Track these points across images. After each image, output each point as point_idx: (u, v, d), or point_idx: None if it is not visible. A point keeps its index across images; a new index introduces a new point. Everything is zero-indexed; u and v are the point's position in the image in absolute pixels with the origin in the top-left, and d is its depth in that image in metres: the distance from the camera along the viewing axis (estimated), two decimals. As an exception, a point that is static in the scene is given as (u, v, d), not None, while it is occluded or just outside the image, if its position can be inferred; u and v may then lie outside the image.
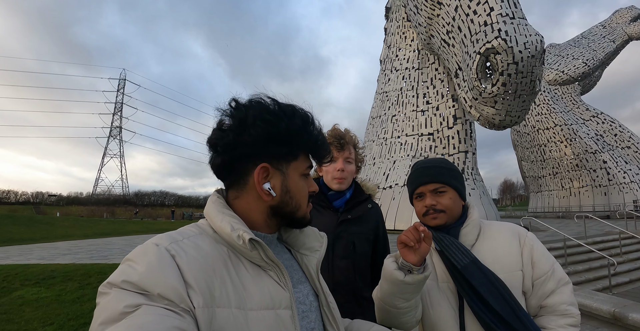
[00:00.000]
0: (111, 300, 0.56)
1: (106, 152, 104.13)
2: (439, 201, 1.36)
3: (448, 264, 1.29)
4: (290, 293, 0.76)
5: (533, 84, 11.81)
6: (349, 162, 1.81)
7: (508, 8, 11.59)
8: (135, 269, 0.60)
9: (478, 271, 1.22)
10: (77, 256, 11.44)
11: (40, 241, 18.47)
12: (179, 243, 0.68)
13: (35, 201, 76.69)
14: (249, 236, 0.70)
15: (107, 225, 33.30)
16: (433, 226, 1.37)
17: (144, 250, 0.65)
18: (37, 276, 7.31)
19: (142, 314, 0.53)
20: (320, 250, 0.93)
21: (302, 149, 0.84)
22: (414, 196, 1.44)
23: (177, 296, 0.59)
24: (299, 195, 0.83)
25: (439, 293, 1.33)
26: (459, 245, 1.29)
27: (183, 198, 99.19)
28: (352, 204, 1.81)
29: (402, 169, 20.34)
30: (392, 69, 22.95)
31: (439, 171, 1.39)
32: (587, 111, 32.73)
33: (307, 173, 0.86)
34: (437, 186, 1.36)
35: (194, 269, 0.63)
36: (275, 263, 0.76)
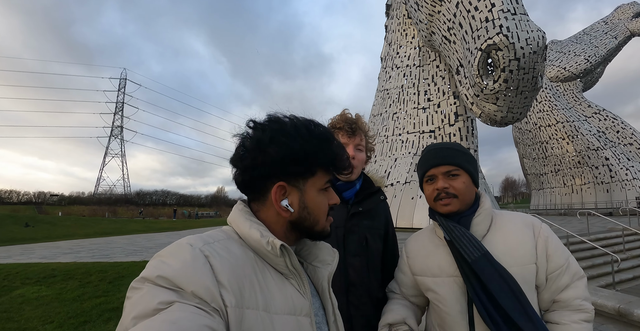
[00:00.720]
0: (145, 295, 0.57)
1: (107, 151, 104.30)
2: (452, 185, 1.28)
3: (457, 256, 1.22)
4: (309, 301, 0.79)
5: (535, 81, 11.73)
6: (360, 150, 1.69)
7: (509, 4, 11.51)
8: (170, 266, 0.62)
9: (489, 265, 1.16)
10: (78, 255, 11.45)
11: (42, 241, 18.49)
12: (211, 245, 0.71)
13: (37, 201, 76.94)
14: (280, 243, 0.74)
15: (108, 224, 33.36)
16: (444, 213, 1.30)
17: (178, 248, 0.67)
18: (37, 274, 7.30)
19: (175, 311, 0.54)
20: (332, 264, 0.93)
21: (319, 166, 0.84)
22: (425, 179, 1.36)
23: (210, 296, 0.60)
24: (317, 210, 0.85)
25: (446, 287, 1.27)
26: (471, 237, 1.22)
27: (185, 197, 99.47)
28: (363, 196, 1.67)
29: (403, 167, 20.29)
30: (393, 67, 22.87)
31: (452, 153, 1.31)
32: (589, 108, 32.59)
33: (326, 187, 0.87)
34: (451, 168, 1.28)
35: (227, 270, 0.66)
36: (298, 271, 0.79)
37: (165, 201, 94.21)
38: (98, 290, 6.02)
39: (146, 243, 16.13)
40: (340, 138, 1.62)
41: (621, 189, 28.28)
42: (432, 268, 1.33)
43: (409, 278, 1.44)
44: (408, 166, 20.14)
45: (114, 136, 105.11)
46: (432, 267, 1.32)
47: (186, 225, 34.79)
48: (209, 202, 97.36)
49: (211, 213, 69.66)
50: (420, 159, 1.38)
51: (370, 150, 1.79)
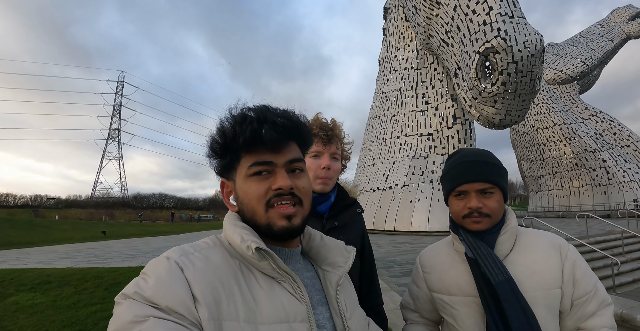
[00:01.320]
0: (123, 310, 0.58)
1: (105, 154, 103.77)
2: (486, 204, 1.17)
3: (478, 276, 1.14)
4: (307, 305, 0.72)
5: (533, 83, 11.75)
6: (336, 159, 1.54)
7: (507, 7, 11.53)
8: (147, 282, 0.62)
9: (511, 293, 1.07)
10: (74, 259, 11.34)
11: (38, 245, 18.34)
12: (189, 255, 0.69)
13: (33, 204, 76.46)
14: (256, 245, 0.69)
15: (106, 228, 33.18)
16: (473, 230, 1.20)
17: (156, 264, 0.66)
18: (32, 281, 7.20)
19: (150, 327, 0.54)
20: (344, 266, 0.85)
21: (241, 150, 0.76)
22: (454, 193, 1.24)
23: (185, 309, 0.59)
24: (247, 199, 0.76)
25: (464, 308, 1.18)
26: (496, 258, 1.13)
27: (182, 200, 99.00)
28: (338, 209, 1.55)
29: (401, 170, 20.27)
30: (391, 70, 22.92)
31: (489, 168, 1.20)
32: (586, 110, 32.73)
33: (254, 172, 0.75)
34: (486, 186, 1.18)
35: (201, 282, 0.64)
36: (289, 274, 0.73)
37: (162, 204, 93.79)
38: (94, 297, 5.92)
39: (143, 246, 16.02)
40: (315, 147, 1.49)
41: (619, 191, 28.37)
42: (449, 285, 1.24)
43: (425, 293, 1.36)
44: (406, 169, 20.14)
45: (112, 138, 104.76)
46: (450, 285, 1.24)
47: (184, 229, 34.65)
48: (207, 205, 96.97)
49: (209, 216, 69.49)
50: (450, 170, 1.26)
51: (346, 159, 1.66)
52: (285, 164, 0.77)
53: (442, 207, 18.00)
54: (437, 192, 18.57)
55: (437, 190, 18.64)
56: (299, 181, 0.78)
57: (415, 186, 19.33)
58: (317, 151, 1.50)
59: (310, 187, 0.81)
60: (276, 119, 0.74)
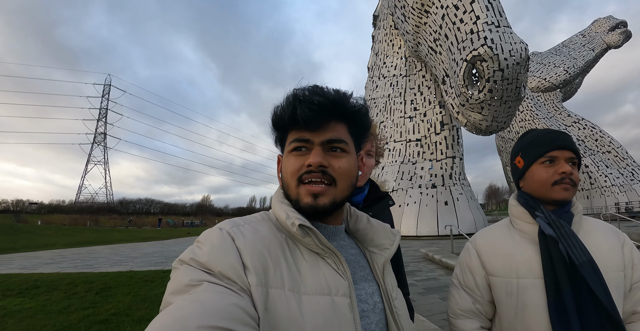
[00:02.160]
0: (180, 274, 0.63)
1: (90, 159, 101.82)
2: (573, 172, 1.17)
3: (555, 256, 1.10)
4: (349, 281, 0.75)
5: (518, 91, 12.09)
6: (370, 156, 1.62)
7: (493, 16, 11.89)
8: (201, 250, 0.67)
9: (594, 273, 1.05)
10: (60, 265, 11.13)
11: (21, 251, 17.90)
12: (240, 227, 0.73)
13: (15, 210, 74.53)
14: (299, 222, 0.72)
15: (91, 234, 32.51)
16: (560, 199, 1.17)
17: (210, 233, 0.71)
18: (19, 286, 7.08)
19: (203, 290, 0.58)
20: (390, 248, 0.88)
21: (287, 128, 0.80)
22: (542, 160, 1.21)
23: (236, 275, 0.63)
24: (285, 173, 0.79)
25: (536, 292, 1.13)
26: (578, 238, 1.11)
27: (169, 206, 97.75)
28: (371, 201, 1.64)
29: (390, 175, 20.46)
30: (380, 76, 23.22)
31: (573, 140, 1.22)
32: (568, 117, 33.63)
33: (293, 148, 0.78)
34: (573, 156, 1.18)
35: (251, 251, 0.67)
36: (331, 250, 0.75)
37: (149, 209, 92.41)
38: (85, 301, 5.84)
39: (131, 252, 15.78)
40: None
41: (600, 196, 29.14)
42: (518, 268, 1.17)
43: (482, 279, 1.27)
44: (395, 174, 20.34)
45: (97, 142, 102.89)
46: (519, 268, 1.17)
47: (171, 234, 34.18)
48: (194, 211, 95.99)
49: (196, 222, 68.72)
50: (539, 138, 1.24)
51: (380, 155, 1.73)
52: (322, 143, 0.77)
53: (431, 212, 18.23)
54: (426, 197, 18.80)
55: (426, 195, 18.87)
56: (336, 160, 0.77)
57: (403, 191, 19.54)
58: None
59: (350, 169, 0.79)
60: (314, 97, 0.76)
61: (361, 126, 0.85)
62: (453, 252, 10.49)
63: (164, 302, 0.61)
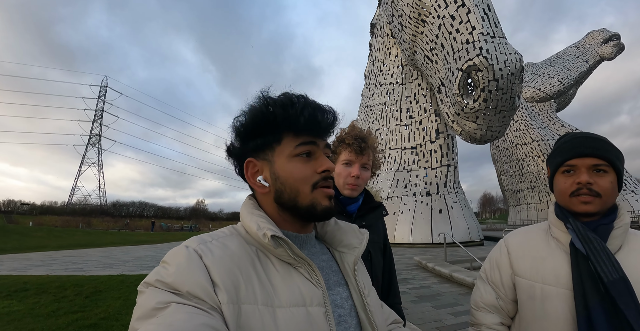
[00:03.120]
0: (146, 298, 0.61)
1: (84, 160, 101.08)
2: (597, 181, 1.08)
3: (583, 271, 1.05)
4: (323, 290, 0.74)
5: (513, 101, 12.22)
6: (366, 169, 1.64)
7: (489, 27, 12.05)
8: (167, 270, 0.65)
9: (627, 293, 0.97)
10: (51, 267, 11.01)
11: (11, 252, 17.67)
12: (207, 243, 0.71)
13: (6, 210, 73.60)
14: (271, 233, 0.71)
15: (83, 236, 32.16)
16: (581, 212, 1.10)
17: (176, 252, 0.68)
18: (8, 288, 6.99)
19: (172, 312, 0.56)
20: (359, 247, 0.89)
21: (283, 131, 0.78)
22: (562, 169, 1.15)
23: (205, 294, 0.61)
24: (290, 179, 0.77)
25: (560, 302, 1.08)
26: (610, 254, 1.03)
27: (163, 209, 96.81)
28: (365, 210, 1.68)
29: (385, 183, 20.49)
30: (377, 84, 23.37)
31: (604, 145, 1.11)
32: (562, 127, 33.99)
33: (298, 153, 0.78)
34: (600, 162, 1.08)
35: (219, 268, 0.66)
36: (304, 259, 0.75)
37: (142, 212, 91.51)
38: (74, 305, 5.79)
39: (123, 255, 15.64)
40: (347, 155, 1.60)
41: (593, 207, 29.34)
42: (545, 274, 1.13)
43: (508, 277, 1.25)
44: (390, 182, 20.38)
45: (92, 144, 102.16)
46: (546, 274, 1.13)
47: (164, 238, 33.92)
48: (189, 215, 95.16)
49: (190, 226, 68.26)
50: (561, 146, 1.18)
51: (376, 167, 1.75)
52: (323, 148, 0.82)
53: (425, 219, 18.26)
54: (420, 205, 18.84)
55: (420, 203, 18.91)
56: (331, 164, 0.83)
57: (398, 198, 19.57)
58: (349, 160, 1.60)
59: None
60: (327, 107, 0.81)
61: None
62: (446, 260, 10.51)
63: (130, 327, 0.58)
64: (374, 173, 1.73)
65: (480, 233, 18.80)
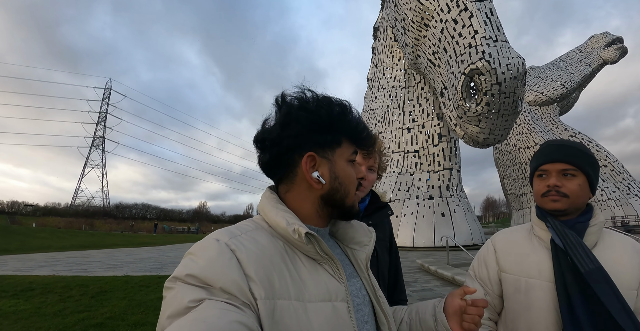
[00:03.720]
0: (176, 294, 0.60)
1: (87, 162, 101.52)
2: (565, 184, 1.22)
3: (563, 264, 1.16)
4: (345, 286, 0.77)
5: (515, 104, 12.26)
6: (372, 171, 1.70)
7: (491, 31, 12.12)
8: (197, 263, 0.63)
9: (604, 280, 1.08)
10: (55, 268, 11.09)
11: (15, 252, 17.78)
12: (238, 237, 0.70)
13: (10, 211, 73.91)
14: (305, 230, 0.72)
15: (86, 237, 32.30)
16: (550, 209, 1.24)
17: (205, 245, 0.67)
18: (14, 287, 7.07)
19: (205, 308, 0.56)
20: (369, 245, 0.94)
21: (344, 135, 0.84)
22: (537, 173, 1.30)
23: (238, 290, 0.61)
24: (347, 181, 0.84)
25: (542, 293, 1.19)
26: (586, 247, 1.16)
27: (165, 211, 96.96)
28: (372, 210, 1.73)
29: (388, 185, 20.51)
30: (379, 87, 23.44)
31: (574, 152, 1.24)
32: (565, 131, 33.93)
33: (352, 159, 0.87)
34: (567, 167, 1.22)
35: (254, 263, 0.65)
36: (330, 257, 0.78)
37: (145, 215, 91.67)
38: (80, 304, 5.85)
39: (126, 257, 15.73)
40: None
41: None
42: (529, 268, 1.25)
43: (495, 273, 1.35)
44: (393, 185, 20.40)
45: (95, 146, 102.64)
46: (530, 268, 1.25)
47: (166, 240, 34.00)
48: (191, 217, 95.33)
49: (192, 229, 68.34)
50: (537, 152, 1.33)
51: (382, 170, 1.80)
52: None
53: (428, 223, 18.27)
54: (423, 208, 18.85)
55: (423, 206, 18.92)
56: None
57: (401, 202, 19.59)
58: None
59: None
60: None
61: None
62: (449, 263, 10.51)
63: (160, 324, 0.58)
64: (380, 175, 1.78)
65: (482, 236, 18.77)
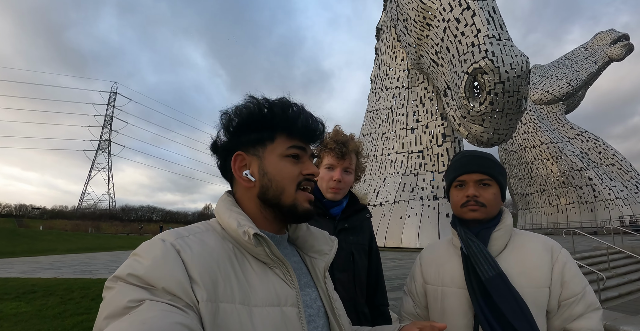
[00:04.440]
0: (116, 294, 0.57)
1: (94, 165, 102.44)
2: (482, 194, 1.27)
3: (470, 271, 1.21)
4: (296, 291, 0.76)
5: (519, 103, 12.13)
6: (348, 173, 1.67)
7: (494, 30, 12.00)
8: (141, 263, 0.61)
9: (504, 286, 1.13)
10: (59, 271, 11.13)
11: (21, 255, 17.91)
12: (184, 238, 0.68)
13: (18, 214, 74.73)
14: (254, 231, 0.71)
15: (92, 240, 32.52)
16: (469, 218, 1.29)
17: (150, 245, 0.65)
18: (16, 290, 7.08)
19: (145, 310, 0.53)
20: (329, 254, 0.91)
21: (279, 131, 0.82)
22: (454, 184, 1.34)
23: (182, 291, 0.59)
24: (278, 176, 0.80)
25: (454, 299, 1.25)
26: (487, 255, 1.20)
27: (171, 214, 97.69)
28: (349, 213, 1.70)
29: (392, 186, 20.43)
30: (383, 88, 23.38)
31: (488, 163, 1.30)
32: (571, 130, 33.60)
33: (290, 154, 0.82)
34: (484, 177, 1.27)
35: (198, 264, 0.64)
36: (281, 260, 0.76)
37: (151, 217, 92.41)
38: (80, 307, 5.85)
39: (130, 259, 15.77)
40: (329, 160, 1.63)
41: (605, 209, 28.88)
42: (444, 277, 1.31)
43: (421, 286, 1.41)
44: (397, 186, 20.31)
45: (101, 149, 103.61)
46: (445, 277, 1.31)
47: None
48: (196, 219, 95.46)
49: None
50: (453, 163, 1.37)
51: (361, 171, 1.78)
52: (310, 155, 0.87)
53: (432, 223, 18.13)
54: (427, 209, 18.72)
55: (427, 207, 18.80)
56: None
57: (405, 202, 19.47)
58: (331, 164, 1.64)
59: None
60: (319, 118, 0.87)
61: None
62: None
63: (96, 326, 0.55)
64: (358, 176, 1.75)
65: (488, 236, 18.58)
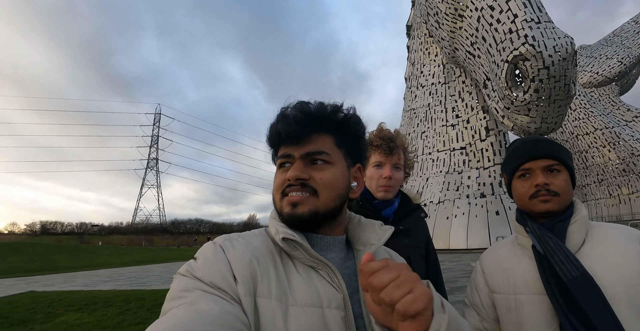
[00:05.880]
0: (175, 283, 0.67)
1: (144, 183, 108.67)
2: (553, 181, 1.11)
3: (548, 272, 1.04)
4: (344, 294, 0.72)
5: (567, 88, 11.35)
6: (398, 169, 1.58)
7: (532, 13, 11.35)
8: (197, 263, 0.70)
9: (590, 288, 0.97)
10: (117, 283, 11.74)
11: (83, 269, 19.14)
12: (232, 240, 0.75)
13: (79, 231, 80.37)
14: (283, 235, 0.72)
15: (145, 253, 34.21)
16: (541, 211, 1.12)
17: (204, 247, 0.74)
18: (79, 302, 7.51)
19: (198, 298, 0.61)
20: (375, 244, 0.82)
21: (277, 144, 0.83)
22: (517, 174, 1.18)
23: (227, 285, 0.65)
24: (273, 188, 0.83)
25: (533, 308, 1.07)
26: (568, 252, 1.03)
27: (217, 225, 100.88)
28: (402, 214, 1.59)
29: (435, 186, 19.81)
30: (418, 86, 22.89)
31: (553, 146, 1.15)
32: (628, 112, 31.03)
33: (279, 164, 0.82)
34: (552, 163, 1.12)
35: (239, 261, 0.69)
36: (323, 262, 0.74)
37: (199, 229, 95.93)
38: (137, 317, 6.09)
39: (182, 270, 16.38)
40: (377, 157, 1.56)
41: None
42: (515, 283, 1.14)
43: (487, 296, 1.23)
44: (440, 185, 19.66)
45: (150, 168, 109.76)
46: (516, 283, 1.14)
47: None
48: (241, 229, 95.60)
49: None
50: (512, 152, 1.22)
51: (410, 167, 1.69)
52: (302, 156, 0.78)
53: (481, 223, 17.32)
54: (475, 207, 17.94)
55: (475, 205, 18.02)
56: (318, 172, 0.78)
57: (450, 202, 18.80)
58: (379, 161, 1.56)
59: (334, 180, 0.79)
60: (292, 113, 0.78)
61: (350, 136, 0.85)
62: (508, 263, 9.84)
63: (163, 308, 0.63)
64: (407, 173, 1.66)
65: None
